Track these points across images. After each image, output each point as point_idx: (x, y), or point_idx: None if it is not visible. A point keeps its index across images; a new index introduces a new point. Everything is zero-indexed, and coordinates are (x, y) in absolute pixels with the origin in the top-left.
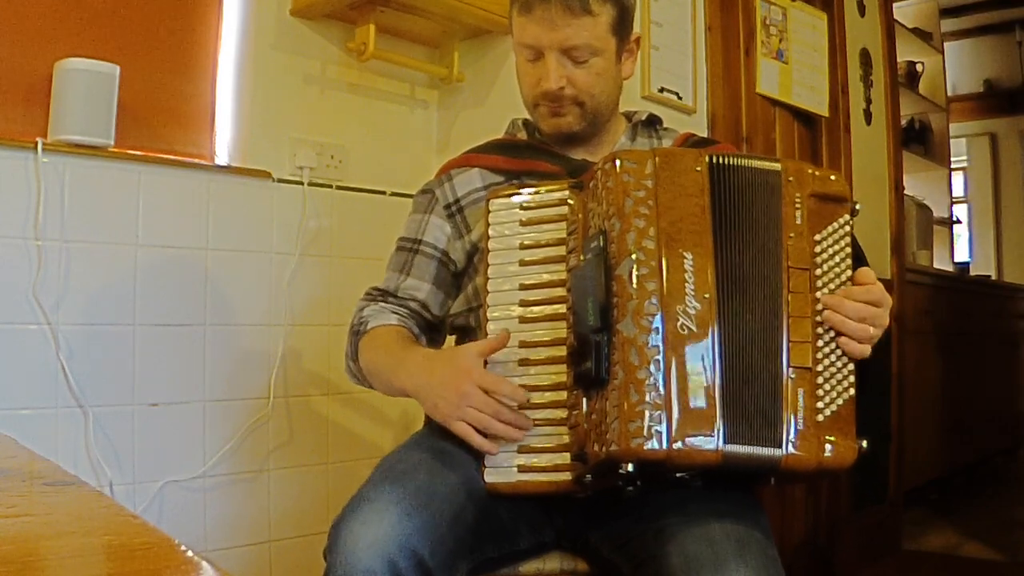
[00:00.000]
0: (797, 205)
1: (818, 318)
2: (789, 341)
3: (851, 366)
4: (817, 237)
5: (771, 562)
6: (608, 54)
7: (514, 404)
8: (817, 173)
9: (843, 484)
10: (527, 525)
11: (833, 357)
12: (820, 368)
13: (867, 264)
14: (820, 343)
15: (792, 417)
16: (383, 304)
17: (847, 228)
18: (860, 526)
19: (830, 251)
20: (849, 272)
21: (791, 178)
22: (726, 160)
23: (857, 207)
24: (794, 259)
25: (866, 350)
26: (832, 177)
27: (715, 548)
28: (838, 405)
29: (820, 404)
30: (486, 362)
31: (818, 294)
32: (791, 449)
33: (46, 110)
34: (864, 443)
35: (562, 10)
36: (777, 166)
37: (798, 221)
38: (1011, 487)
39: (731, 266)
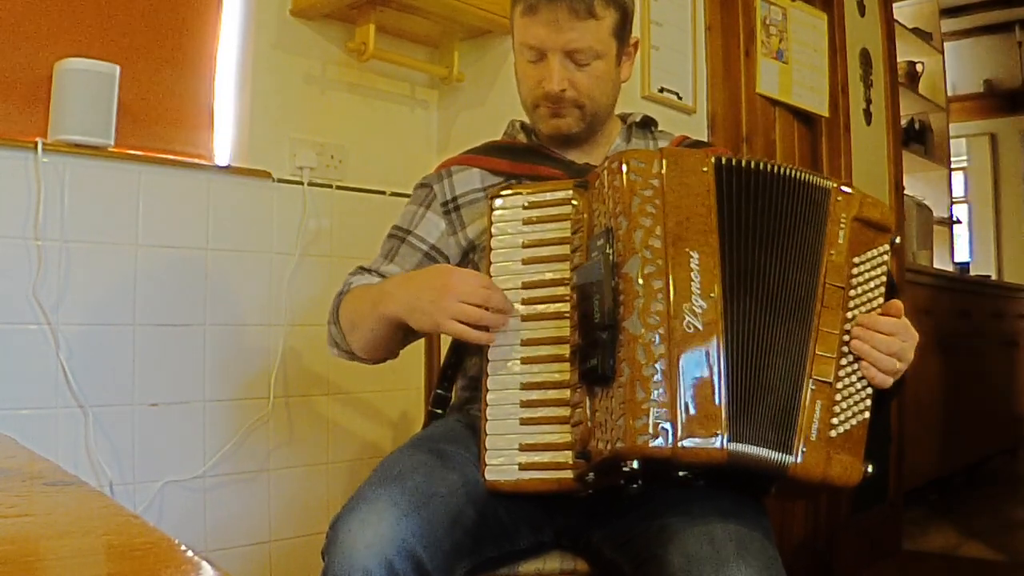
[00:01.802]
0: (842, 225)
1: (845, 337)
2: (814, 353)
3: (869, 389)
4: (856, 260)
5: (772, 562)
6: (609, 57)
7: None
8: (867, 199)
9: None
10: (527, 524)
11: (854, 377)
12: (840, 385)
13: (896, 292)
14: (844, 361)
15: (806, 427)
16: (369, 276)
17: (885, 257)
18: (860, 526)
19: (866, 275)
20: (881, 300)
21: (839, 198)
22: (734, 162)
23: (897, 240)
24: (831, 276)
25: (887, 380)
26: (878, 204)
27: (716, 547)
28: (852, 425)
29: (835, 420)
30: None
31: (848, 314)
32: (800, 458)
33: (46, 110)
34: (870, 467)
35: (567, 13)
36: (828, 184)
37: (840, 240)
38: (1011, 487)
39: (743, 267)
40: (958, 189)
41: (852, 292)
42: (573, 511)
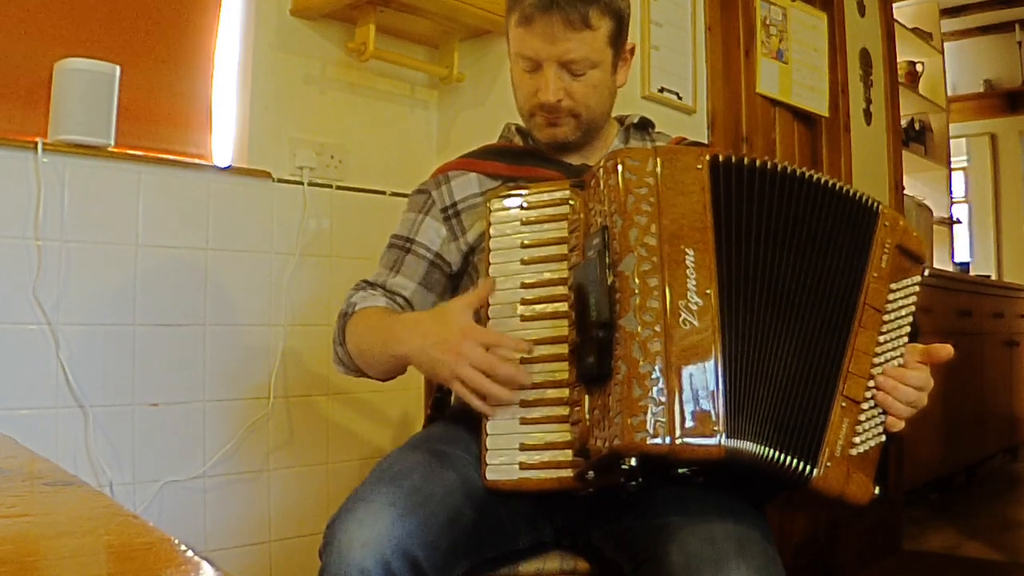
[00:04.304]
0: (886, 250)
1: (876, 360)
2: (848, 372)
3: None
4: (893, 286)
5: (771, 561)
6: (605, 66)
7: (516, 357)
8: (908, 227)
9: None
10: (526, 524)
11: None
12: (866, 406)
13: (918, 328)
14: (871, 383)
15: (832, 442)
16: (372, 291)
17: (917, 288)
18: (860, 526)
19: (899, 303)
20: (908, 329)
21: (887, 223)
22: (733, 159)
23: (926, 272)
24: (872, 298)
25: (899, 424)
26: (916, 234)
27: (716, 547)
28: (869, 446)
29: (856, 439)
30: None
31: (881, 338)
32: (823, 471)
33: (46, 110)
34: (877, 489)
35: (563, 24)
36: (874, 204)
37: (883, 265)
38: (1011, 487)
39: (744, 264)
40: (958, 189)
41: (886, 317)
42: (573, 510)
